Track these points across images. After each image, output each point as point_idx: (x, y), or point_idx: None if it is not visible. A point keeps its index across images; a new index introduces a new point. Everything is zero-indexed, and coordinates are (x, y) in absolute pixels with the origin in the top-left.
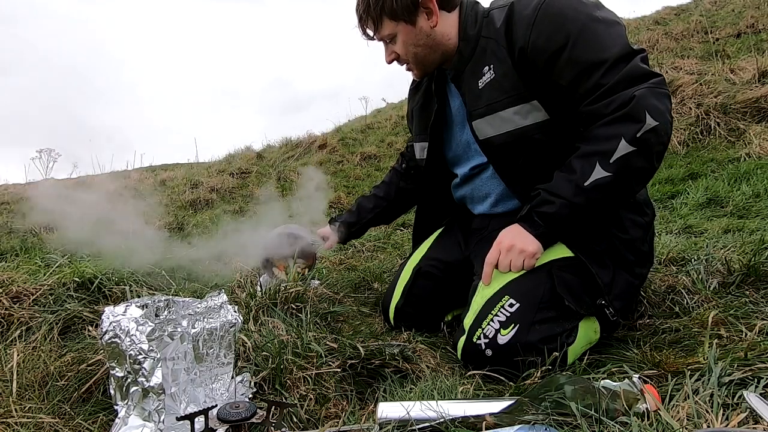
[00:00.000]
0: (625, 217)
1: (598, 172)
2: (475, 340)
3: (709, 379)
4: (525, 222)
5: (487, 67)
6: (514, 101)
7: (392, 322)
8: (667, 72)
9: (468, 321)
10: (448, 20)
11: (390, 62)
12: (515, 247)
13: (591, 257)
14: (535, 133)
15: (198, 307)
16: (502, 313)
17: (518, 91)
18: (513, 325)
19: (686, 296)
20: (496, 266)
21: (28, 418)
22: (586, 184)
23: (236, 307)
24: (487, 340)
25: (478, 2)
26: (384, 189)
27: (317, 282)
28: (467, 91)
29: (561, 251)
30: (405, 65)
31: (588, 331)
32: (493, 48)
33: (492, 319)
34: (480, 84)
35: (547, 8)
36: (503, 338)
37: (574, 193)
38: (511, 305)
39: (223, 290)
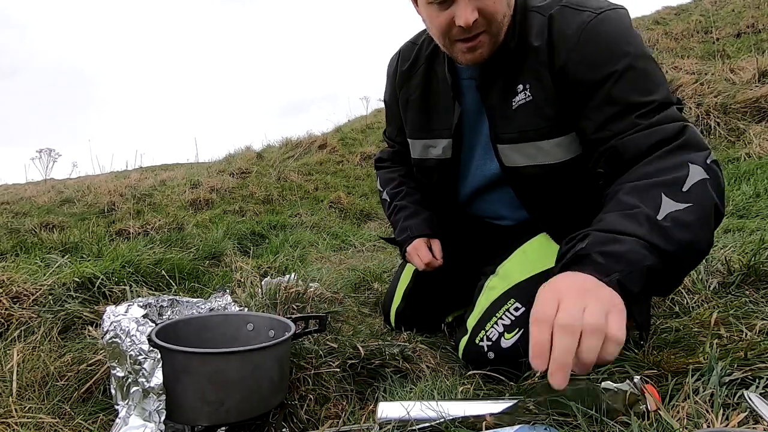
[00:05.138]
0: None
1: (669, 204)
2: (477, 341)
3: (709, 379)
4: (582, 265)
5: (521, 86)
6: (557, 132)
7: (393, 325)
8: (667, 72)
9: (471, 321)
10: None
11: (469, 23)
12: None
13: None
14: (572, 167)
15: (202, 308)
16: (507, 316)
17: (561, 119)
18: (518, 329)
19: (686, 296)
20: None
21: (28, 418)
22: (659, 217)
23: (245, 309)
24: (490, 343)
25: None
26: (409, 182)
27: (316, 284)
28: (496, 108)
29: None
30: (474, 37)
31: None
32: (533, 64)
33: (496, 322)
34: (513, 104)
35: (591, 32)
36: (507, 342)
37: (650, 228)
38: (516, 309)
39: (227, 291)
